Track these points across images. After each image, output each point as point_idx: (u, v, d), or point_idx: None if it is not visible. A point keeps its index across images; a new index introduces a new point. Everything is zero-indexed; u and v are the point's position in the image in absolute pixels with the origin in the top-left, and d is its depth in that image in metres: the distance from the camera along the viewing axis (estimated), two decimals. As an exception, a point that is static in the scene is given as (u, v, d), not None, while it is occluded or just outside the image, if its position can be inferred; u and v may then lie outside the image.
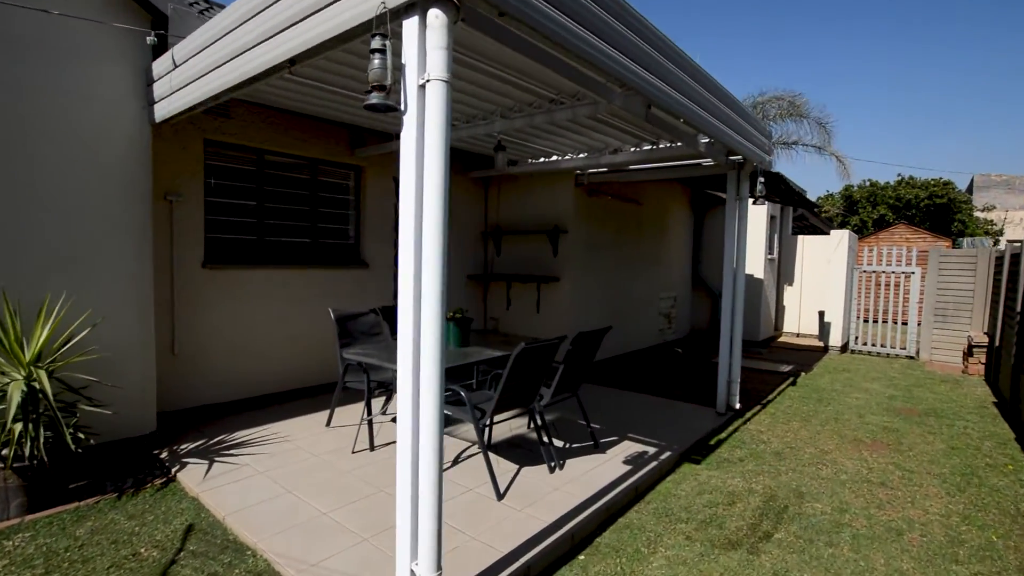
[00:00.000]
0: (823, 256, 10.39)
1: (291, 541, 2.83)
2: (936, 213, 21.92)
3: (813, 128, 14.45)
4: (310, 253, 5.75)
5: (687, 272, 10.26)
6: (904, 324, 9.76)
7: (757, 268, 9.68)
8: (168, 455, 3.94)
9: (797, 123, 14.54)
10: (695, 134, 4.62)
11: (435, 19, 1.97)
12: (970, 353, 8.04)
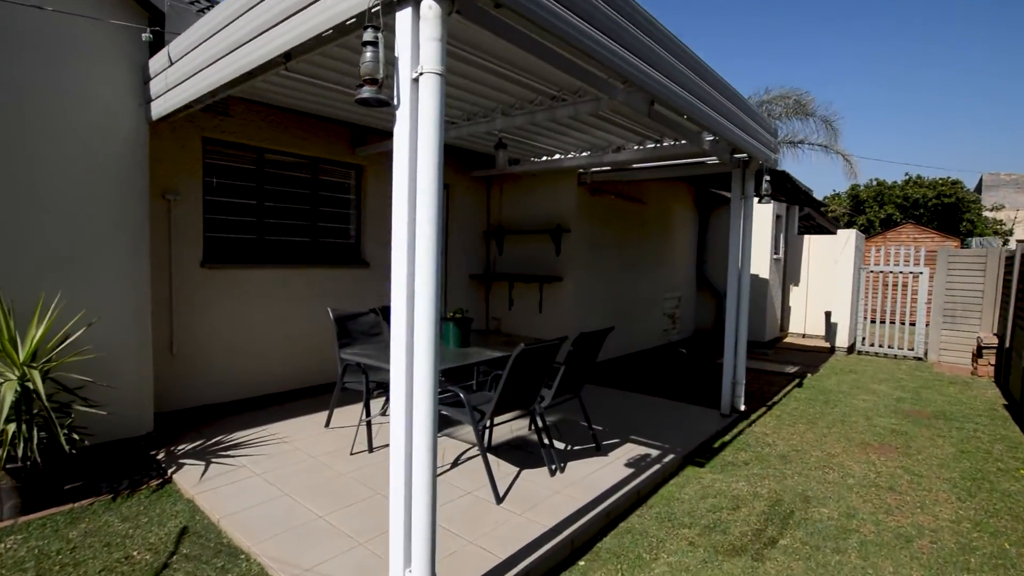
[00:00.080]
0: (830, 256, 10.28)
1: (286, 545, 2.78)
2: (944, 213, 21.71)
3: (819, 126, 14.34)
4: (310, 252, 5.71)
5: (691, 272, 10.17)
6: (912, 325, 9.66)
7: (763, 268, 9.58)
8: (165, 456, 3.90)
9: (803, 121, 14.43)
10: (699, 131, 4.54)
11: (428, 10, 1.91)
12: (979, 354, 7.92)
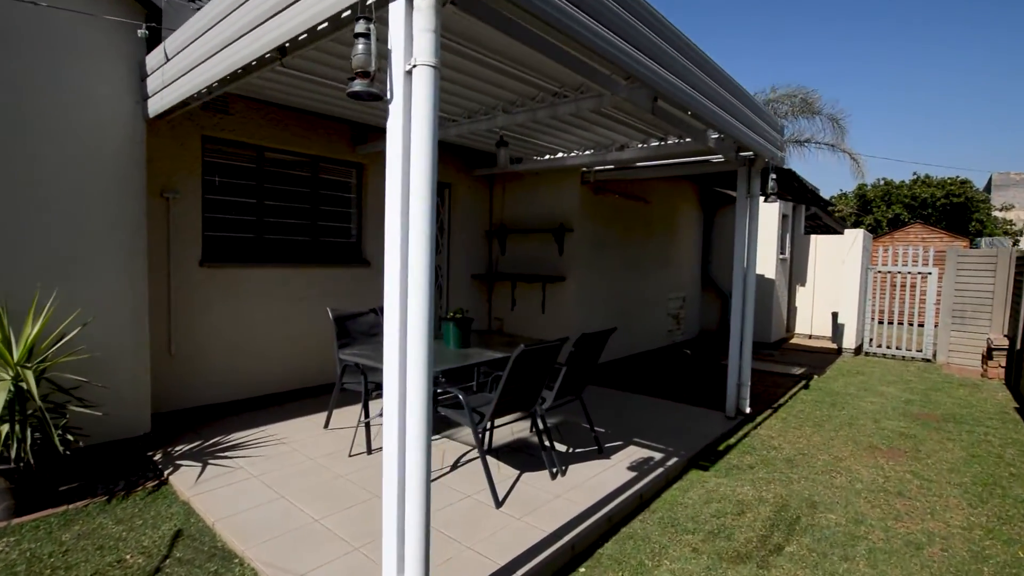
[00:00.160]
0: (837, 256, 10.16)
1: (280, 549, 2.73)
2: (953, 212, 21.49)
3: (826, 125, 14.19)
4: (310, 251, 5.67)
5: (696, 272, 10.08)
6: (920, 326, 9.51)
7: (768, 268, 9.47)
8: (162, 457, 3.86)
9: (810, 120, 14.28)
10: (704, 129, 4.46)
11: None
12: (989, 356, 7.79)
